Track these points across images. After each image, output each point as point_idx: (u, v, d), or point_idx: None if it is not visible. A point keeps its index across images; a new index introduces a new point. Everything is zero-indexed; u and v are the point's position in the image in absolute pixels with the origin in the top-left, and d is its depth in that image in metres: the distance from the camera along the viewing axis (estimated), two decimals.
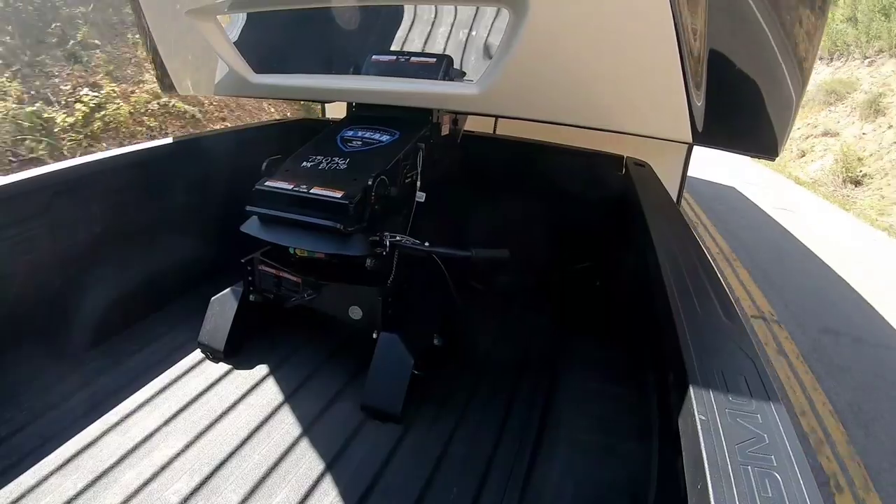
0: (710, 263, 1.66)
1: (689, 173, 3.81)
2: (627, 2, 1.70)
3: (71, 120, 5.56)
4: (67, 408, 1.96)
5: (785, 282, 5.77)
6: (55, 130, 5.42)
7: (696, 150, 3.45)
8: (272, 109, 8.53)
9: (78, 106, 5.71)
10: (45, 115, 5.42)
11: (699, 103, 1.82)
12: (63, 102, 5.72)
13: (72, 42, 6.34)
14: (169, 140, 2.81)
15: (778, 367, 4.16)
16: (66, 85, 5.89)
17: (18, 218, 2.03)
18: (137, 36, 6.60)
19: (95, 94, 5.99)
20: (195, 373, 2.19)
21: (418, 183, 2.30)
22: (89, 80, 6.17)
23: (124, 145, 4.23)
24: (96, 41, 6.66)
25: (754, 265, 6.13)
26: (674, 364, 1.17)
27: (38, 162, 4.91)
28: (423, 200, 2.26)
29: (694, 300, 1.38)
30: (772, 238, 7.37)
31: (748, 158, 10.87)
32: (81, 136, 5.55)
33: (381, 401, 2.02)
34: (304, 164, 2.20)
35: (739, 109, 1.91)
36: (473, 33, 2.61)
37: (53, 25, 6.29)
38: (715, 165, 10.21)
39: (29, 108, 5.32)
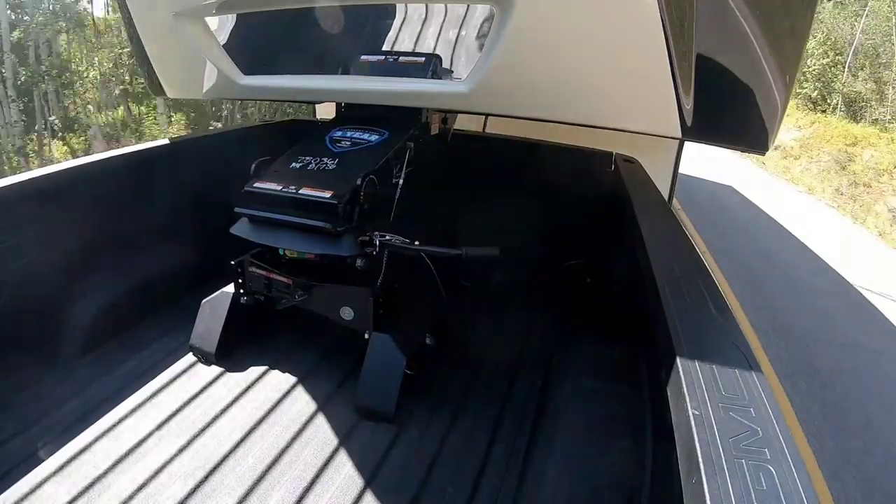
0: (700, 258, 1.67)
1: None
2: None
3: None
4: (60, 414, 1.94)
5: None
6: None
7: None
8: None
9: None
10: None
11: (688, 97, 1.82)
12: None
13: None
14: (157, 143, 2.80)
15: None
16: None
17: (8, 223, 2.01)
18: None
19: None
20: (188, 376, 2.18)
21: (407, 182, 2.29)
22: None
23: None
24: None
25: None
26: (666, 360, 1.17)
27: None
28: (408, 199, 2.26)
29: (685, 295, 1.39)
30: None
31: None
32: None
33: (375, 401, 2.02)
34: (294, 164, 2.19)
35: (729, 103, 1.91)
36: (463, 32, 2.61)
37: None
38: None
39: None
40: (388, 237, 2.03)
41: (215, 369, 2.22)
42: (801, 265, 7.72)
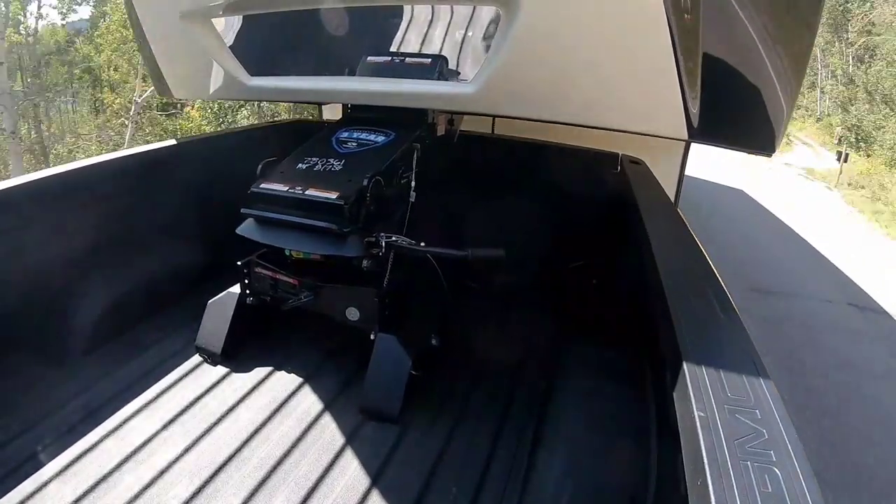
0: (707, 259, 1.66)
1: None
2: None
3: None
4: (65, 414, 1.95)
5: None
6: None
7: None
8: None
9: None
10: None
11: (695, 99, 1.81)
12: None
13: None
14: (163, 144, 2.81)
15: None
16: None
17: (13, 224, 2.02)
18: None
19: None
20: (193, 376, 2.18)
21: (413, 183, 2.29)
22: None
23: None
24: None
25: None
26: (671, 361, 1.17)
27: None
28: (413, 200, 2.26)
29: (690, 297, 1.38)
30: None
31: None
32: None
33: (380, 402, 2.02)
34: (300, 165, 2.19)
35: (735, 105, 1.91)
36: (469, 33, 2.61)
37: None
38: None
39: None
40: (394, 238, 2.04)
41: (220, 370, 2.23)
42: None
